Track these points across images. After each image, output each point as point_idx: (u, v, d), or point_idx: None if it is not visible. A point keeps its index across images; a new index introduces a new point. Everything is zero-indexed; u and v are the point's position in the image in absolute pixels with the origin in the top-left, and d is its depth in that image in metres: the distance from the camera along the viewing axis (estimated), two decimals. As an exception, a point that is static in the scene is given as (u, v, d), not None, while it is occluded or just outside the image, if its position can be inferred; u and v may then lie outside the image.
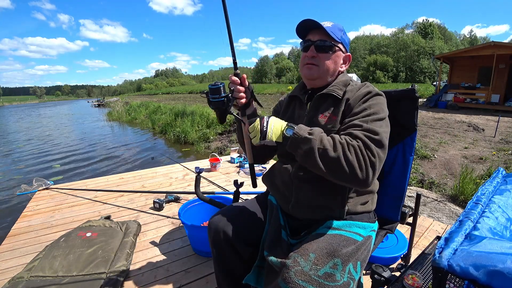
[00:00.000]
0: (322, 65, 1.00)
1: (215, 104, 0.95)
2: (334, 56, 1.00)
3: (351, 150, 0.78)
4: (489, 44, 11.02)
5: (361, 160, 0.77)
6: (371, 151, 0.79)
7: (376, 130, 0.83)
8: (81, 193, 2.84)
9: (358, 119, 0.87)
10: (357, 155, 0.78)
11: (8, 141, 11.25)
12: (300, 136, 0.82)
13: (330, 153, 0.78)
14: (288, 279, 0.75)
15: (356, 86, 0.99)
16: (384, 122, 0.88)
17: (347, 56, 1.06)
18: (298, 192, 0.97)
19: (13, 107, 65.68)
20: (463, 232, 0.75)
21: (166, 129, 10.56)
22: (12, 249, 1.88)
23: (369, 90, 0.94)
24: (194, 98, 24.83)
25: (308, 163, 0.82)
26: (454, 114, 9.36)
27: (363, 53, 39.38)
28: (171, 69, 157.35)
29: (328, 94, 0.99)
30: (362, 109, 0.90)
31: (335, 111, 0.96)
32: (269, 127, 0.86)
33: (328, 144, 0.80)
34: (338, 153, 0.78)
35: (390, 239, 1.81)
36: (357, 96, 0.94)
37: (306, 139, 0.81)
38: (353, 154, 0.78)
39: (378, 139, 0.81)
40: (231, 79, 0.98)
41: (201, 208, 2.01)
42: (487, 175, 3.69)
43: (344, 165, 0.77)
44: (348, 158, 0.77)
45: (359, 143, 0.79)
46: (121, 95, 71.45)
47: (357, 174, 0.77)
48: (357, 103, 0.93)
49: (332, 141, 0.81)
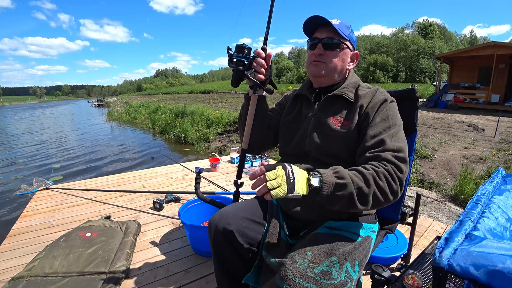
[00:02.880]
0: (329, 62, 0.98)
1: (236, 63, 0.93)
2: (342, 54, 0.99)
3: (381, 178, 0.78)
4: (489, 44, 11.04)
5: (392, 184, 0.78)
6: (400, 171, 0.80)
7: (399, 146, 0.84)
8: (81, 193, 2.84)
9: (382, 134, 0.87)
10: (388, 181, 0.78)
11: (8, 141, 11.25)
12: (331, 184, 0.74)
13: (365, 190, 0.76)
14: (285, 277, 0.75)
15: (369, 91, 0.98)
16: (402, 133, 0.90)
17: (355, 54, 1.05)
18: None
19: (12, 107, 65.70)
20: (463, 232, 0.75)
21: (166, 129, 10.56)
22: (12, 249, 1.88)
23: (385, 98, 0.95)
24: (194, 98, 24.84)
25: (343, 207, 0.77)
26: (454, 114, 9.36)
27: (363, 53, 39.34)
28: (171, 69, 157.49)
29: (339, 96, 0.98)
30: (381, 119, 0.90)
31: (348, 116, 0.95)
32: (296, 177, 0.72)
33: (359, 181, 0.76)
34: (372, 188, 0.77)
35: (390, 239, 1.81)
36: (373, 103, 0.94)
37: (340, 185, 0.74)
38: (384, 181, 0.78)
39: (403, 157, 0.83)
40: (256, 52, 0.94)
41: (201, 208, 2.01)
42: (487, 175, 3.69)
43: (379, 196, 0.78)
44: (381, 186, 0.77)
45: (388, 168, 0.80)
46: (121, 95, 71.49)
47: (389, 199, 0.79)
48: (375, 111, 0.92)
49: (361, 176, 0.77)
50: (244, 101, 1.09)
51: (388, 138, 0.85)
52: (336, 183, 0.74)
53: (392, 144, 0.84)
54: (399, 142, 0.86)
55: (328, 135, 0.96)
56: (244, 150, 1.07)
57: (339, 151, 0.95)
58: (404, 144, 0.87)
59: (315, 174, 0.75)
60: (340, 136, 0.94)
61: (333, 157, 0.96)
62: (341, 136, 0.94)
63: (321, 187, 0.73)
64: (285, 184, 0.71)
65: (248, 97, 1.03)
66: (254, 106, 0.99)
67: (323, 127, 0.98)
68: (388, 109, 0.93)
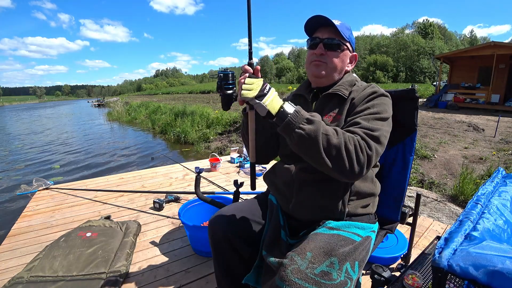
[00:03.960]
0: (330, 62, 0.99)
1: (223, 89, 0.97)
2: (342, 54, 1.00)
3: (350, 142, 0.77)
4: (489, 44, 11.04)
5: (359, 152, 0.77)
6: (368, 145, 0.79)
7: (374, 127, 0.83)
8: (81, 193, 2.84)
9: (359, 117, 0.87)
10: (356, 147, 0.77)
11: (8, 141, 11.26)
12: (302, 116, 0.78)
13: (332, 139, 0.76)
14: (285, 277, 0.75)
15: (361, 86, 0.99)
16: (386, 122, 0.89)
17: (354, 55, 1.06)
18: (299, 192, 0.97)
19: (12, 107, 65.72)
20: (463, 232, 0.75)
21: (166, 129, 10.56)
22: (12, 249, 1.88)
23: (375, 91, 0.95)
24: (194, 98, 24.85)
25: (305, 147, 0.77)
26: (454, 114, 9.36)
27: (363, 53, 39.35)
28: (171, 69, 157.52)
29: (334, 93, 0.99)
30: (365, 108, 0.90)
31: (340, 110, 0.96)
32: (270, 92, 0.80)
33: (329, 130, 0.78)
34: (340, 140, 0.76)
35: (390, 239, 1.82)
36: (361, 95, 0.94)
37: (309, 120, 0.77)
38: (352, 145, 0.77)
39: (375, 135, 0.82)
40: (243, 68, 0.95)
41: (201, 208, 2.01)
42: (487, 175, 3.69)
43: (344, 154, 0.76)
44: (348, 148, 0.76)
45: (357, 137, 0.80)
46: (121, 95, 71.48)
47: (353, 166, 0.77)
48: (361, 102, 0.93)
49: (333, 129, 0.79)
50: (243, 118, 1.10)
51: (364, 121, 0.85)
52: (307, 118, 0.78)
53: (365, 124, 0.84)
54: (376, 125, 0.84)
55: None
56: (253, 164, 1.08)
57: None
58: (382, 129, 0.84)
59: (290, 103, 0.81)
60: None
61: None
62: None
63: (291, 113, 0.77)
64: (256, 91, 0.79)
65: (246, 114, 1.04)
66: (253, 122, 0.99)
67: None
68: (376, 100, 0.93)
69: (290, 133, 0.78)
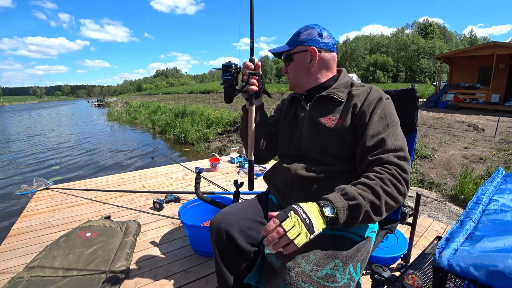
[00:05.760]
0: (291, 75, 1.06)
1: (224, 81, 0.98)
2: (295, 62, 1.03)
3: (388, 185, 0.77)
4: (489, 44, 11.03)
5: (399, 187, 0.78)
6: (404, 171, 0.80)
7: (400, 145, 0.85)
8: (81, 193, 2.84)
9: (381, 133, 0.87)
10: (395, 185, 0.78)
11: (8, 141, 11.25)
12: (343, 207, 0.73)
13: (376, 203, 0.76)
14: (289, 281, 0.75)
15: (363, 90, 0.98)
16: (400, 129, 0.91)
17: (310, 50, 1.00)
18: (299, 192, 0.97)
19: (13, 107, 65.71)
20: (464, 232, 0.75)
21: (166, 129, 10.56)
22: (12, 249, 1.88)
23: (380, 96, 0.94)
24: (194, 98, 24.85)
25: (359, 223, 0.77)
26: (454, 114, 9.36)
27: (363, 53, 39.37)
28: (171, 69, 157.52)
29: (329, 96, 0.98)
30: (379, 118, 0.90)
31: (342, 115, 0.95)
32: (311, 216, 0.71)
33: (369, 195, 0.76)
34: (382, 198, 0.76)
35: (390, 239, 1.81)
36: (369, 102, 0.93)
37: (353, 206, 0.74)
38: (392, 187, 0.78)
39: (404, 156, 0.83)
40: (245, 64, 0.97)
41: (201, 208, 2.01)
42: (487, 175, 3.69)
43: (390, 202, 0.77)
44: (389, 193, 0.77)
45: (392, 171, 0.79)
46: (121, 95, 71.49)
47: (399, 201, 0.79)
48: (371, 110, 0.92)
49: (369, 189, 0.77)
50: (242, 114, 1.10)
51: (388, 138, 0.85)
52: (348, 205, 0.73)
53: (392, 143, 0.84)
54: (399, 141, 0.85)
55: (323, 134, 0.96)
56: (251, 162, 1.08)
57: (336, 149, 0.95)
58: (404, 142, 0.87)
59: (326, 203, 0.73)
60: (335, 134, 0.94)
61: (330, 155, 0.96)
62: (335, 134, 0.94)
63: (337, 215, 0.72)
64: (304, 229, 0.69)
65: (246, 110, 1.04)
66: (253, 118, 1.00)
67: (317, 127, 0.98)
68: (385, 107, 0.92)
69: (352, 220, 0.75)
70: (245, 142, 1.10)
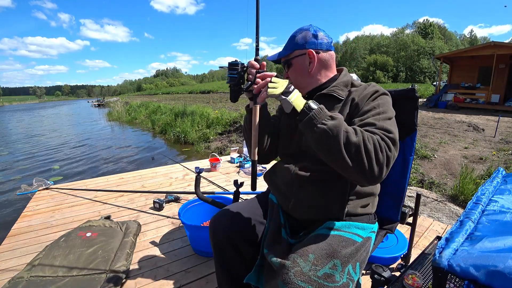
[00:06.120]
0: (293, 79, 1.05)
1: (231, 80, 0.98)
2: (294, 67, 1.03)
3: (370, 141, 0.76)
4: (489, 44, 11.03)
5: (378, 152, 0.75)
6: (388, 146, 0.78)
7: (389, 128, 0.83)
8: (81, 193, 2.84)
9: (369, 117, 0.86)
10: (375, 147, 0.76)
11: (8, 141, 11.25)
12: (325, 112, 0.79)
13: (351, 137, 0.75)
14: (288, 280, 0.75)
15: (361, 86, 0.99)
16: (393, 122, 0.88)
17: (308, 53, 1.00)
18: (299, 192, 0.97)
19: (13, 107, 65.71)
20: (464, 233, 0.75)
21: (166, 129, 10.55)
22: (12, 249, 1.88)
23: (377, 89, 0.95)
24: (194, 98, 24.85)
25: (327, 144, 0.76)
26: (454, 114, 9.36)
27: (363, 53, 39.36)
28: (171, 69, 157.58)
29: (329, 94, 0.98)
30: (372, 107, 0.89)
31: (341, 111, 0.96)
32: (295, 91, 0.84)
33: (349, 129, 0.78)
34: (359, 139, 0.75)
35: (390, 239, 1.81)
36: (364, 95, 0.94)
37: (333, 117, 0.78)
38: (372, 144, 0.75)
39: (392, 137, 0.81)
40: (250, 63, 0.96)
41: (201, 208, 2.01)
42: (487, 175, 3.69)
43: (363, 153, 0.74)
44: (368, 147, 0.75)
45: (377, 137, 0.78)
46: (121, 95, 71.49)
47: (372, 166, 0.74)
48: (365, 101, 0.92)
49: (353, 128, 0.78)
50: (246, 114, 1.10)
51: (376, 121, 0.84)
52: (330, 115, 0.79)
53: (380, 124, 0.83)
54: (389, 126, 0.84)
55: None
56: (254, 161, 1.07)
57: None
58: (395, 130, 0.84)
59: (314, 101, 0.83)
60: None
61: None
62: None
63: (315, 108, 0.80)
64: (283, 88, 0.85)
65: (250, 109, 1.04)
66: (256, 117, 0.99)
67: None
68: (380, 99, 0.92)
69: (312, 128, 0.78)
70: (249, 142, 1.09)
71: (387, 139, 0.79)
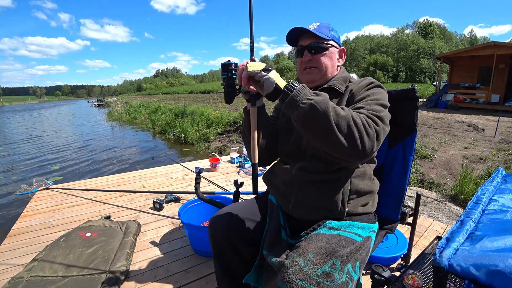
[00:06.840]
0: (320, 65, 1.03)
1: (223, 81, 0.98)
2: (329, 53, 1.03)
3: (357, 117, 0.77)
4: (489, 44, 11.03)
5: (367, 126, 0.77)
6: (375, 122, 0.79)
7: (378, 109, 0.85)
8: (81, 193, 2.84)
9: (361, 102, 0.89)
10: (363, 122, 0.77)
11: (8, 142, 11.25)
12: (309, 90, 0.79)
13: (340, 111, 0.76)
14: (287, 279, 0.75)
15: (358, 80, 1.03)
16: (386, 109, 0.89)
17: (342, 50, 1.09)
18: (298, 192, 0.97)
19: (13, 107, 65.72)
20: (464, 232, 0.75)
21: (166, 129, 10.55)
22: (12, 249, 1.88)
23: (372, 81, 0.98)
24: (194, 98, 24.85)
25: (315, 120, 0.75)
26: (454, 114, 9.36)
27: (363, 53, 39.35)
28: (171, 69, 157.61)
29: (329, 88, 1.01)
30: (365, 95, 0.92)
31: (338, 103, 0.98)
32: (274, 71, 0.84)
33: (336, 105, 0.78)
34: (347, 113, 0.76)
35: (390, 239, 1.81)
36: (360, 86, 0.97)
37: (317, 93, 0.79)
38: (359, 120, 0.77)
39: (380, 115, 0.82)
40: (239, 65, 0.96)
41: (201, 208, 2.01)
42: (487, 175, 3.69)
43: (353, 127, 0.75)
44: (356, 122, 0.76)
45: (363, 115, 0.80)
46: (121, 95, 71.51)
47: (364, 140, 0.75)
48: (360, 91, 0.95)
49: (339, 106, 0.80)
50: (244, 116, 1.09)
51: (366, 104, 0.87)
52: (314, 92, 0.79)
53: (369, 107, 0.85)
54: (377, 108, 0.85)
55: None
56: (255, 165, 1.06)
57: None
58: (385, 111, 0.86)
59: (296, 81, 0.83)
60: None
61: None
62: None
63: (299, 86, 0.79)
64: (263, 65, 0.84)
65: (247, 111, 1.03)
66: (255, 119, 0.98)
67: None
68: (374, 89, 0.95)
69: (298, 104, 0.77)
70: (248, 145, 1.09)
71: (373, 116, 0.81)
